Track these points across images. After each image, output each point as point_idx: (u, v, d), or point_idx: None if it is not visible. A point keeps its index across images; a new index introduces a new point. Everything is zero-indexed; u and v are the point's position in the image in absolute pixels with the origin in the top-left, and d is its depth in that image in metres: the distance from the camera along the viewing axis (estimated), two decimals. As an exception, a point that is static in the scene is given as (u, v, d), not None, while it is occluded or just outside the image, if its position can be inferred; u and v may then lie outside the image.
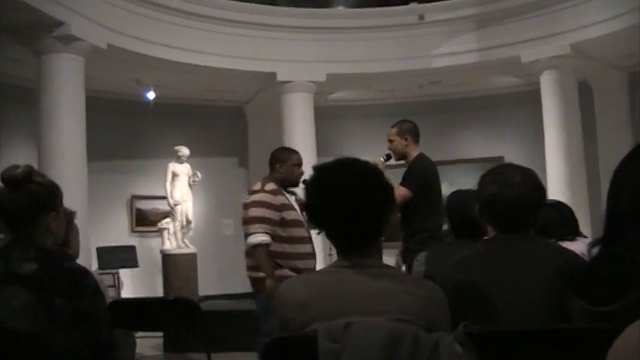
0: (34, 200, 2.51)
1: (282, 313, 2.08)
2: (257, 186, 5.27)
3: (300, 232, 5.18)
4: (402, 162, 5.52)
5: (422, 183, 5.25)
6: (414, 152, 5.43)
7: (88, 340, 2.43)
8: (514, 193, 2.37)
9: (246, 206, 5.18)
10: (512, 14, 10.89)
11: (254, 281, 5.19)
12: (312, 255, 5.27)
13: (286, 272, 4.96)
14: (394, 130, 5.49)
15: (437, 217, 5.33)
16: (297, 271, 4.92)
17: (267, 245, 5.04)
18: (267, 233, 5.03)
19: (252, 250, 5.13)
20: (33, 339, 2.31)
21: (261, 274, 5.05)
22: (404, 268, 5.05)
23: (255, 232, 5.05)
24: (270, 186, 5.20)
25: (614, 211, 1.93)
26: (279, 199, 5.13)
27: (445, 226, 4.50)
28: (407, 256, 5.17)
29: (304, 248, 5.19)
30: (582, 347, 1.93)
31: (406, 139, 5.42)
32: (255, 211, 5.10)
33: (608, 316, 1.82)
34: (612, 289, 1.83)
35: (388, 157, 5.46)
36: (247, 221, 5.14)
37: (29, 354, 2.30)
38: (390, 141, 5.48)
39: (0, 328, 2.32)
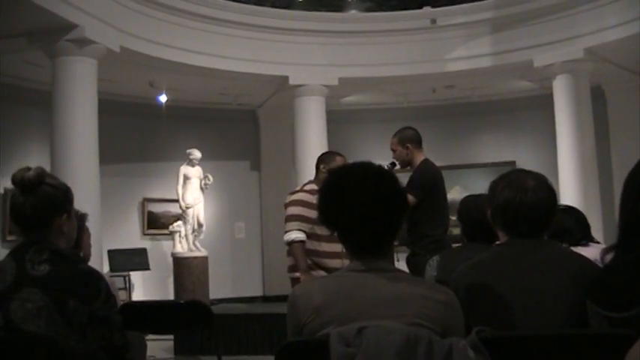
0: (47, 202, 2.51)
1: (297, 317, 2.06)
2: (298, 187, 5.46)
3: None
4: (409, 168, 5.52)
5: (427, 189, 5.24)
6: (418, 158, 5.44)
7: (102, 342, 2.43)
8: (530, 198, 2.36)
9: (286, 206, 5.35)
10: (526, 18, 10.86)
11: (292, 282, 5.26)
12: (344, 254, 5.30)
13: (322, 273, 5.00)
14: (395, 139, 5.50)
15: (442, 222, 5.33)
16: (329, 271, 4.93)
17: (302, 242, 5.15)
18: (301, 230, 5.15)
19: (289, 249, 5.25)
20: (48, 341, 2.31)
21: (297, 274, 5.13)
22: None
23: (290, 230, 5.19)
24: (310, 186, 5.33)
25: (630, 218, 1.91)
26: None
27: (455, 231, 4.48)
28: (412, 261, 5.17)
29: (338, 247, 5.21)
30: (598, 353, 1.91)
31: (407, 148, 5.42)
32: (292, 210, 5.26)
33: (624, 322, 1.81)
34: (629, 296, 1.82)
35: (393, 165, 5.43)
36: (285, 219, 5.29)
37: (44, 357, 2.30)
38: (393, 150, 5.51)
39: (15, 330, 2.32)
